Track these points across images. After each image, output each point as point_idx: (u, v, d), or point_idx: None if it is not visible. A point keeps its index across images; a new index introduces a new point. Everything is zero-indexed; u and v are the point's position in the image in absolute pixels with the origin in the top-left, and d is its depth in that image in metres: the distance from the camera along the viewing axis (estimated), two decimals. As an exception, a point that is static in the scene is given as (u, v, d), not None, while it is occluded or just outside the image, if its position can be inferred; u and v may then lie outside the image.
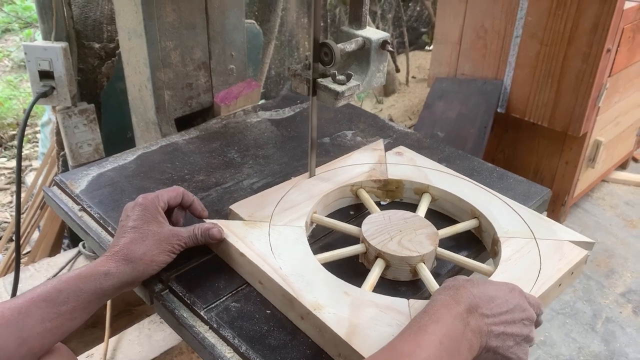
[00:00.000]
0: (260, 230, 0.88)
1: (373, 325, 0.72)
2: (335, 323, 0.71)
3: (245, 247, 0.84)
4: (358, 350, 0.68)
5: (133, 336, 1.41)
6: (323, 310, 0.73)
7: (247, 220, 0.90)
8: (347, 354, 0.70)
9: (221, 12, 1.33)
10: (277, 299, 0.79)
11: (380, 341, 0.68)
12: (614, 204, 2.68)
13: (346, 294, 0.77)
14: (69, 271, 1.35)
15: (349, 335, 0.70)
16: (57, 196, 1.06)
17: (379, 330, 0.71)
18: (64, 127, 1.51)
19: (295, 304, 0.76)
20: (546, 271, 0.83)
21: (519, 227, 0.92)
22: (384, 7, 3.69)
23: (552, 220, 0.94)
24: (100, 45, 1.56)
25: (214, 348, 0.76)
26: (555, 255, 0.86)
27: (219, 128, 1.31)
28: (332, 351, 0.73)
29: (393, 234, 0.88)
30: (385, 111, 3.45)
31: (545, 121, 2.24)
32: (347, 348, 0.69)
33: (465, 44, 2.40)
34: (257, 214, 0.91)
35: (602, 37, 1.97)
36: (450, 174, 1.06)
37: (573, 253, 0.87)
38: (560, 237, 0.90)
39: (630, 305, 2.10)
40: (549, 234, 0.90)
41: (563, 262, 0.85)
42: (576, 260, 0.85)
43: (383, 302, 0.76)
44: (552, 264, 0.84)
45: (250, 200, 0.96)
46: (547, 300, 0.82)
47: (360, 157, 1.10)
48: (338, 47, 0.88)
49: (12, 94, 3.53)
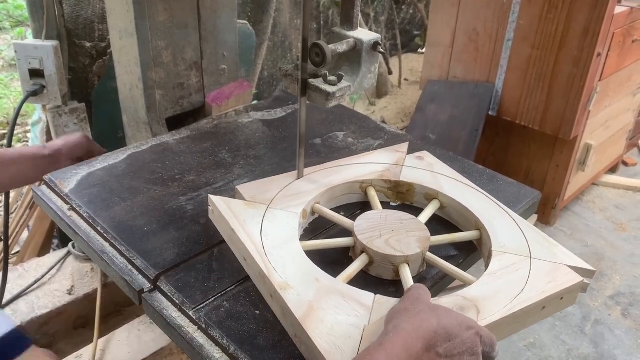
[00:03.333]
0: (256, 211, 0.91)
1: (332, 312, 0.74)
2: (296, 304, 0.74)
3: (238, 225, 0.87)
4: (308, 332, 0.70)
5: (122, 337, 1.40)
6: (288, 291, 0.76)
7: (247, 201, 0.93)
8: (300, 335, 0.72)
9: (213, 12, 1.33)
10: (255, 276, 0.83)
11: (334, 328, 0.71)
12: (603, 207, 2.69)
13: (317, 280, 0.79)
14: (58, 271, 1.35)
15: (304, 317, 0.72)
16: (46, 195, 1.05)
17: (336, 318, 0.73)
18: (54, 126, 1.50)
19: (267, 281, 0.79)
20: (529, 291, 0.80)
21: (518, 244, 0.90)
22: (377, 9, 3.70)
23: (557, 244, 0.91)
24: (91, 44, 1.56)
25: (202, 348, 0.76)
26: (546, 277, 0.83)
27: (210, 128, 1.31)
28: (291, 331, 0.76)
29: (384, 232, 0.88)
30: (377, 113, 3.45)
31: (537, 124, 2.25)
32: (300, 329, 0.72)
33: (457, 47, 2.42)
34: (258, 196, 0.95)
35: (593, 41, 1.99)
36: (465, 184, 1.05)
37: (566, 278, 0.83)
38: (559, 261, 0.87)
39: (619, 307, 2.11)
40: (547, 256, 0.88)
41: (551, 285, 0.81)
42: (567, 285, 0.82)
43: (349, 293, 0.77)
44: (538, 285, 0.81)
45: (257, 182, 1.00)
46: (525, 322, 0.80)
47: (380, 156, 1.11)
48: (329, 48, 0.88)
49: (3, 92, 3.51)
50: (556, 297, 0.81)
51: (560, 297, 0.82)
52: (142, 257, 0.88)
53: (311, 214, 0.98)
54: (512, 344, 1.94)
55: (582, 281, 0.84)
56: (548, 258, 0.87)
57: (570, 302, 0.86)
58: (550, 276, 0.83)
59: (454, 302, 0.76)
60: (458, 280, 0.88)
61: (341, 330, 0.71)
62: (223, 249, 0.92)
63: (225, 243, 0.92)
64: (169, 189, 1.07)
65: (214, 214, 0.93)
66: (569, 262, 0.87)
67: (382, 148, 1.17)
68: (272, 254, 0.83)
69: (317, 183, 1.01)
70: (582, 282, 0.84)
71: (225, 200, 0.92)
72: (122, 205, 1.01)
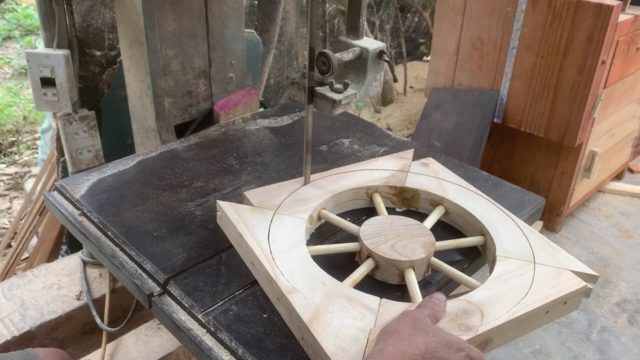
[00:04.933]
0: (264, 216, 0.93)
1: (338, 315, 0.75)
2: (303, 307, 0.75)
3: (245, 230, 0.89)
4: (315, 335, 0.71)
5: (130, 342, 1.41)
6: (295, 295, 0.77)
7: (255, 206, 0.95)
8: (307, 338, 0.74)
9: (221, 21, 1.36)
10: (262, 280, 0.84)
11: (340, 331, 0.72)
12: (609, 214, 2.69)
13: (323, 284, 0.80)
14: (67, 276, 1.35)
15: (311, 320, 0.73)
16: (58, 201, 1.07)
17: (342, 322, 0.74)
18: (64, 133, 1.52)
19: (274, 285, 0.80)
20: (533, 295, 0.81)
21: (522, 249, 0.91)
22: (383, 17, 3.72)
23: (560, 249, 0.92)
24: (101, 53, 1.58)
25: (211, 351, 0.77)
26: (549, 282, 0.84)
27: (218, 135, 1.33)
28: (297, 334, 0.77)
29: (389, 237, 0.89)
30: (383, 120, 3.47)
31: (541, 132, 2.26)
32: (307, 332, 0.73)
33: (462, 55, 2.43)
34: (266, 201, 0.97)
35: (597, 49, 2.00)
36: (470, 190, 1.06)
37: (569, 282, 0.84)
38: (562, 265, 0.88)
39: (625, 314, 2.11)
40: (551, 261, 0.89)
41: (555, 289, 0.82)
42: (571, 289, 0.83)
43: (355, 297, 0.79)
44: (542, 289, 0.82)
45: (265, 188, 1.02)
46: (528, 326, 0.81)
47: (385, 162, 1.13)
48: (335, 57, 0.90)
49: (12, 100, 3.54)
50: (559, 302, 0.82)
51: (563, 302, 0.83)
52: (152, 261, 0.90)
53: (318, 219, 1.00)
54: (518, 350, 1.94)
55: (586, 286, 0.85)
56: (552, 263, 0.88)
57: (574, 307, 0.86)
58: (553, 281, 0.84)
59: (458, 306, 0.77)
60: (463, 284, 0.89)
61: (347, 333, 0.72)
62: (231, 253, 0.93)
63: (234, 248, 0.93)
64: (177, 194, 1.09)
65: (222, 219, 0.95)
66: (572, 267, 0.88)
67: (388, 155, 1.19)
68: (280, 259, 0.84)
69: (323, 189, 1.02)
70: (586, 287, 0.85)
71: (233, 205, 0.94)
72: (132, 210, 1.02)
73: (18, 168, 2.95)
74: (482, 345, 0.76)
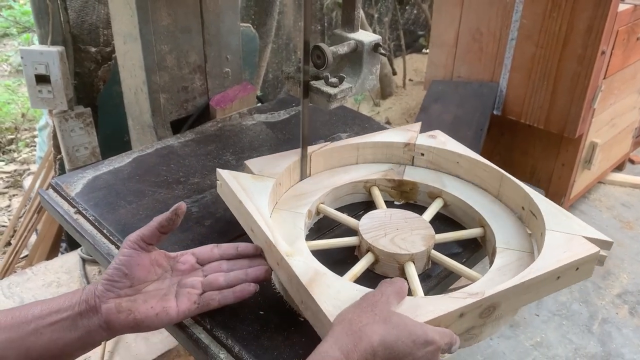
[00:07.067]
0: (264, 184, 0.92)
1: (338, 279, 0.75)
2: (302, 270, 0.75)
3: (245, 197, 0.88)
4: (314, 296, 0.70)
5: (130, 339, 1.41)
6: (295, 257, 0.77)
7: (255, 174, 0.95)
8: (306, 301, 0.73)
9: (216, 15, 1.34)
10: (262, 245, 0.84)
11: (340, 293, 0.71)
12: (610, 206, 2.68)
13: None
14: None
15: (310, 282, 0.73)
16: (53, 199, 1.06)
17: (343, 285, 0.74)
18: (60, 130, 1.52)
19: (273, 249, 0.79)
20: (543, 260, 0.79)
21: (521, 240, 0.90)
22: (381, 10, 3.70)
23: (572, 215, 0.90)
24: (96, 49, 1.57)
25: (208, 349, 0.76)
26: (560, 247, 0.82)
27: (215, 131, 1.32)
28: (297, 298, 0.76)
29: (389, 231, 0.89)
30: (382, 114, 3.46)
31: (541, 123, 2.25)
32: (306, 294, 0.72)
33: (461, 47, 2.42)
34: (266, 170, 0.96)
35: (597, 39, 1.98)
36: (468, 182, 1.05)
37: (582, 248, 0.82)
38: (575, 232, 0.86)
39: (627, 306, 2.10)
40: (562, 227, 0.86)
41: (567, 254, 0.80)
42: (583, 255, 0.81)
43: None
44: (553, 254, 0.80)
45: (265, 157, 1.01)
46: (539, 291, 0.79)
47: (392, 134, 1.11)
48: (330, 50, 0.89)
49: (11, 98, 3.54)
50: (571, 267, 0.80)
51: (575, 268, 0.81)
52: (148, 259, 0.89)
53: (316, 214, 0.99)
54: (519, 343, 1.93)
55: (599, 252, 0.82)
56: (563, 229, 0.86)
57: (587, 275, 0.84)
58: (565, 246, 0.82)
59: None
60: (463, 277, 0.89)
61: (347, 294, 0.71)
62: (227, 250, 0.92)
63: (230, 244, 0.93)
64: (174, 191, 1.08)
65: (222, 187, 0.95)
66: (584, 233, 0.86)
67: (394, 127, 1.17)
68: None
69: (321, 183, 1.02)
70: (599, 252, 0.82)
71: (233, 173, 0.94)
72: (128, 208, 1.02)
73: (17, 166, 2.95)
74: (489, 310, 0.74)
